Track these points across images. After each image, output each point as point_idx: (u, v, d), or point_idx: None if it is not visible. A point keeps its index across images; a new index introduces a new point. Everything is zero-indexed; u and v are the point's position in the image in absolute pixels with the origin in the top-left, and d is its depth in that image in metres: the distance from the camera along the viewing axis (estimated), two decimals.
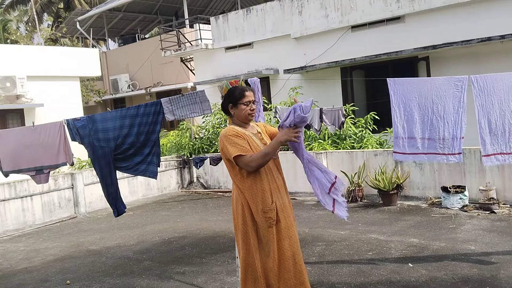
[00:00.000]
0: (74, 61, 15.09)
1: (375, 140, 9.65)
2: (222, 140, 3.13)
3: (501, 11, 9.68)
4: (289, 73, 12.39)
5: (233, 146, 3.06)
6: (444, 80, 4.64)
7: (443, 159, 4.68)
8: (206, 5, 21.00)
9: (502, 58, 9.65)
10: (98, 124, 4.50)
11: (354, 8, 11.59)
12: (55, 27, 27.21)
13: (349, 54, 11.58)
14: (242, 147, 3.07)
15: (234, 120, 3.29)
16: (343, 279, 4.58)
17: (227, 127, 3.21)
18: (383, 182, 7.69)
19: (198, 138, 11.79)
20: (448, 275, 4.45)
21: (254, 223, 3.15)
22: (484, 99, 4.53)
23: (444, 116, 4.60)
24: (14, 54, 13.79)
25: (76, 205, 9.23)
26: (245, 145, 3.09)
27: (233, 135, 3.11)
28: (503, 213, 6.70)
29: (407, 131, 4.72)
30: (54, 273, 5.62)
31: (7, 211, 8.32)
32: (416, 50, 10.32)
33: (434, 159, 4.73)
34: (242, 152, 3.03)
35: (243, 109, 3.22)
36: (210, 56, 15.12)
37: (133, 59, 19.71)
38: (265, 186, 3.14)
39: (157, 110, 4.51)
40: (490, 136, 4.57)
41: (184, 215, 8.46)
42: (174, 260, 5.69)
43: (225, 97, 3.29)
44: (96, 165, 4.55)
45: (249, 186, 3.15)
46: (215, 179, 11.04)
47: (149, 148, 4.55)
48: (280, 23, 13.13)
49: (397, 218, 6.87)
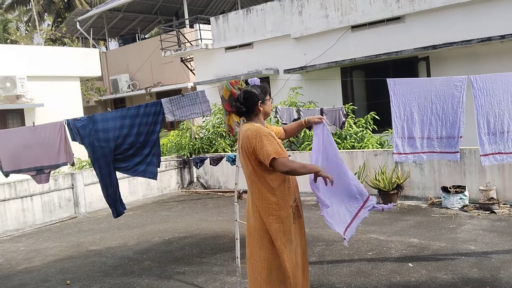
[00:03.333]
0: (74, 61, 15.08)
1: (376, 140, 9.64)
2: (258, 138, 3.09)
3: (501, 11, 9.68)
4: (289, 73, 12.39)
5: (272, 146, 3.08)
6: (444, 81, 4.65)
7: (441, 157, 4.71)
8: (206, 5, 21.00)
9: (502, 58, 9.64)
10: (99, 124, 4.51)
11: (354, 8, 11.58)
12: (55, 27, 27.21)
13: (349, 54, 11.57)
14: (279, 148, 3.12)
15: (256, 119, 3.29)
16: (343, 279, 4.58)
17: (257, 126, 3.18)
18: (383, 182, 7.69)
19: (198, 138, 11.79)
20: (448, 275, 4.45)
21: (280, 223, 3.18)
22: (483, 99, 4.54)
23: (443, 116, 4.62)
24: (14, 54, 13.78)
25: (76, 205, 9.23)
26: (278, 145, 3.14)
27: (268, 134, 3.13)
28: (503, 213, 6.70)
29: (407, 131, 4.74)
30: (54, 273, 5.62)
31: (7, 211, 8.32)
32: (416, 50, 10.32)
33: (432, 157, 4.75)
34: (279, 154, 3.06)
35: (269, 105, 3.32)
36: (210, 56, 15.12)
37: (133, 59, 19.71)
38: (291, 183, 3.27)
39: (157, 111, 4.52)
40: (489, 136, 4.58)
41: (184, 215, 8.47)
42: (174, 260, 5.69)
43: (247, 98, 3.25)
44: (96, 165, 4.55)
45: (280, 183, 3.18)
46: (215, 179, 11.04)
47: (149, 149, 4.55)
48: (280, 23, 13.13)
49: (397, 218, 6.87)
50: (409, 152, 4.76)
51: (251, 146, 3.11)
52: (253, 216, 3.26)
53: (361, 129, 9.87)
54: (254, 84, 3.36)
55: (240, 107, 3.27)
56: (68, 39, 24.17)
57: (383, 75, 4.61)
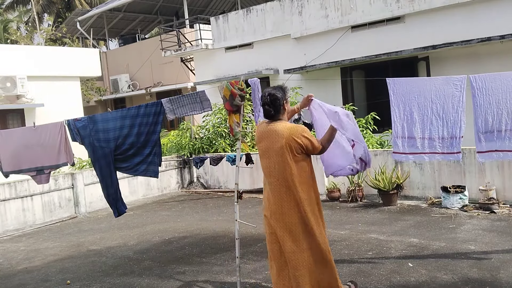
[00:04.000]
0: (75, 61, 15.09)
1: (376, 140, 9.65)
2: (304, 135, 3.55)
3: (501, 11, 9.68)
4: (289, 73, 12.40)
5: (313, 137, 3.63)
6: (444, 80, 4.64)
7: (443, 158, 4.70)
8: (206, 5, 21.01)
9: (502, 58, 9.64)
10: (99, 125, 4.51)
11: (354, 8, 11.59)
12: (55, 27, 27.20)
13: (349, 54, 11.58)
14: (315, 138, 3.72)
15: (284, 117, 3.69)
16: (343, 279, 4.57)
17: (291, 125, 3.62)
18: (383, 182, 7.69)
19: (198, 138, 11.79)
20: (448, 275, 4.45)
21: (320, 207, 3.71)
22: (482, 98, 4.54)
23: (443, 116, 4.61)
24: (14, 54, 13.79)
25: (77, 205, 9.24)
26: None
27: (304, 128, 3.62)
28: (503, 213, 6.71)
29: (407, 131, 4.72)
30: (54, 273, 5.62)
31: (7, 211, 8.33)
32: (416, 50, 10.32)
33: (433, 158, 4.74)
34: (318, 141, 3.68)
35: (289, 102, 3.78)
36: (210, 56, 15.12)
37: (133, 59, 19.72)
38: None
39: (157, 111, 4.51)
40: (486, 134, 4.58)
41: (184, 215, 8.47)
42: (174, 260, 5.69)
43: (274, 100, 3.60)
44: (97, 166, 4.55)
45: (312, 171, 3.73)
46: (215, 179, 11.05)
47: (150, 149, 4.55)
48: (280, 23, 13.14)
49: (397, 218, 6.87)
50: (409, 152, 4.74)
51: (298, 143, 3.52)
52: (291, 211, 3.54)
53: (361, 129, 9.87)
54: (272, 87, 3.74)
55: (269, 110, 3.63)
56: (68, 39, 24.16)
57: (383, 75, 4.62)
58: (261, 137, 3.67)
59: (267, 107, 3.62)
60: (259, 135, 3.70)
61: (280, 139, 3.52)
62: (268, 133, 3.61)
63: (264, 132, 3.65)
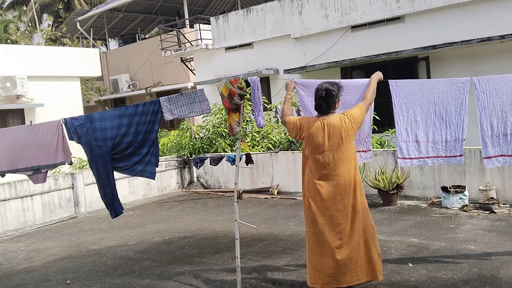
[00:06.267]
0: (74, 61, 15.09)
1: (376, 140, 9.64)
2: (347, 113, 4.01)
3: (501, 11, 9.68)
4: (289, 73, 12.39)
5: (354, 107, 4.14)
6: (446, 82, 4.59)
7: (446, 161, 4.65)
8: (206, 5, 21.01)
9: (502, 58, 9.64)
10: (96, 123, 4.48)
11: (354, 8, 11.59)
12: (55, 27, 27.21)
13: (349, 54, 11.58)
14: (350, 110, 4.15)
15: (333, 110, 4.03)
16: None
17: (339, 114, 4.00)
18: (383, 182, 7.69)
19: (198, 138, 11.79)
20: (448, 275, 4.45)
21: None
22: (486, 101, 4.49)
23: (446, 119, 4.56)
24: (14, 54, 13.79)
25: (77, 205, 9.24)
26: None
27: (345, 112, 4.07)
28: (503, 213, 6.70)
29: (410, 134, 4.65)
30: (54, 273, 5.62)
31: (7, 211, 8.32)
32: (416, 50, 10.32)
33: (437, 161, 4.69)
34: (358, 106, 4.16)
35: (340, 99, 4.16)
36: (210, 56, 15.12)
37: (133, 59, 19.72)
38: None
39: (155, 109, 4.48)
40: (492, 138, 4.53)
41: (184, 215, 8.47)
42: (174, 260, 5.69)
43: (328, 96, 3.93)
44: (93, 165, 4.52)
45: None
46: (215, 179, 11.04)
47: (147, 148, 4.51)
48: (280, 23, 13.14)
49: (397, 218, 6.87)
50: (414, 157, 4.66)
51: (351, 124, 3.95)
52: (351, 194, 3.92)
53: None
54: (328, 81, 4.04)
55: (321, 104, 3.96)
56: (68, 39, 24.16)
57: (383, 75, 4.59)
58: (316, 132, 3.95)
59: (320, 100, 3.96)
60: (314, 131, 3.95)
61: (337, 131, 3.91)
62: (323, 128, 3.93)
63: (318, 128, 3.95)
